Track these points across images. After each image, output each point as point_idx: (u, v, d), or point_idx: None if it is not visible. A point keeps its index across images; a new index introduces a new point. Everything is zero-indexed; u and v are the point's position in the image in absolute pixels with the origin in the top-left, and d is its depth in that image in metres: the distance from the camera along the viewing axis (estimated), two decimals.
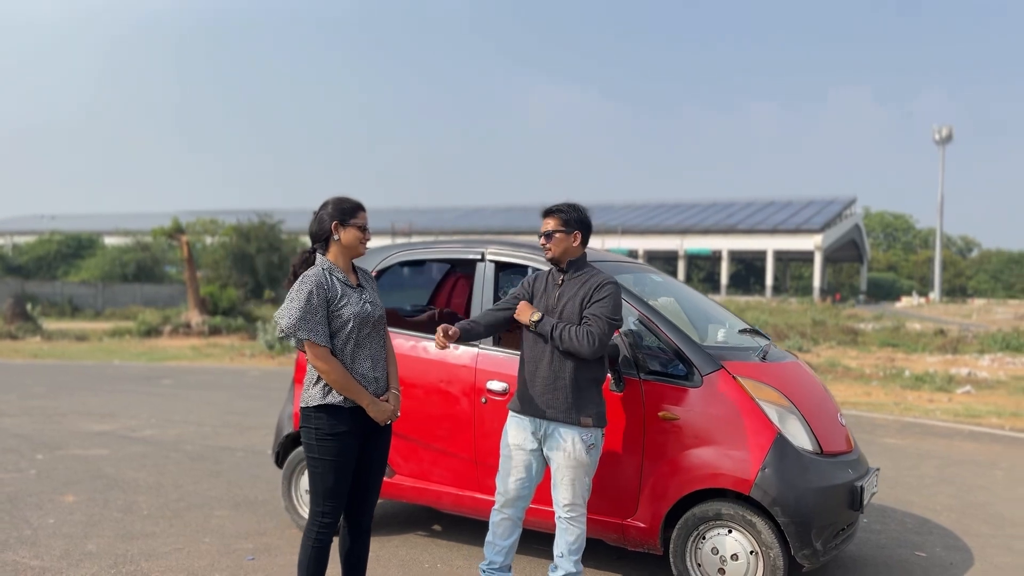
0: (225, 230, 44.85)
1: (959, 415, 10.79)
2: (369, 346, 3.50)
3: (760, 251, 69.12)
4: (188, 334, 23.96)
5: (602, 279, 3.75)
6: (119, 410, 9.65)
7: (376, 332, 3.55)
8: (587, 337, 3.60)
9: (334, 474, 3.43)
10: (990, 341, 23.04)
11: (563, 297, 3.78)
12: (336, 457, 3.42)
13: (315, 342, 3.33)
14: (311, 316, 3.34)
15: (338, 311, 3.41)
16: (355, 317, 3.43)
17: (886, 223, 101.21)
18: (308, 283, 3.38)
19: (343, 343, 3.43)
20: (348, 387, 3.38)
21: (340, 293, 3.43)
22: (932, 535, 5.31)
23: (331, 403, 3.40)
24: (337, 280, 3.46)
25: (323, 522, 3.47)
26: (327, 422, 3.41)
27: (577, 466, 3.70)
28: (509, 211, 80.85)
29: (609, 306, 3.66)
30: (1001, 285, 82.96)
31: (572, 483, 3.72)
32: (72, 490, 5.92)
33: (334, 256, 3.51)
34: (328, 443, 3.42)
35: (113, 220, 76.43)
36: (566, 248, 3.81)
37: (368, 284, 3.62)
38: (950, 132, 71.34)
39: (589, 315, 3.66)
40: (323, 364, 3.35)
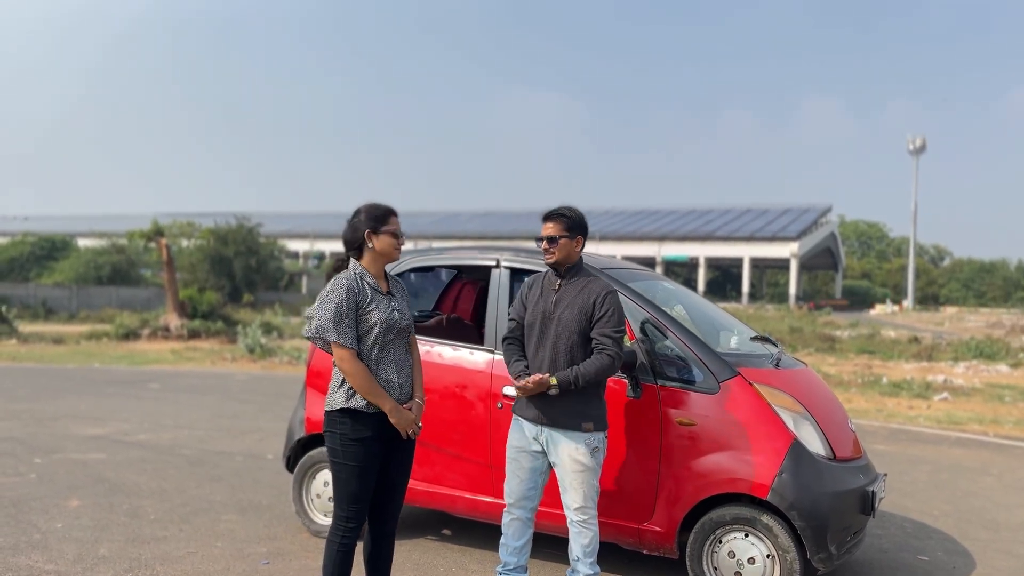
0: (202, 233, 44.51)
1: (942, 422, 10.98)
2: (394, 353, 3.56)
3: (737, 258, 69.71)
4: (167, 337, 23.72)
5: (600, 289, 3.78)
6: (109, 414, 9.57)
7: (401, 339, 3.61)
8: (608, 361, 3.68)
9: (358, 479, 3.47)
10: (964, 349, 23.41)
11: (560, 303, 3.80)
12: (360, 463, 3.46)
13: (343, 344, 3.39)
14: (341, 319, 3.40)
15: (366, 316, 3.47)
16: (382, 323, 3.48)
17: (860, 231, 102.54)
18: (341, 286, 3.45)
19: (369, 348, 3.48)
20: (372, 391, 3.42)
21: (370, 298, 3.49)
22: (932, 539, 5.43)
23: (354, 407, 3.45)
24: (368, 286, 3.52)
25: (347, 527, 3.51)
26: (351, 427, 3.45)
27: (583, 470, 3.75)
28: (486, 216, 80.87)
29: (615, 320, 3.72)
30: (972, 293, 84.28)
31: (579, 487, 3.77)
32: (76, 495, 5.88)
33: (367, 262, 3.57)
34: (352, 448, 3.46)
35: (87, 222, 75.42)
36: (569, 253, 3.84)
37: (398, 292, 3.68)
38: (924, 142, 72.43)
39: (599, 336, 3.70)
40: (349, 367, 3.40)
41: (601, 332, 3.70)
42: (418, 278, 5.89)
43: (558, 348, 3.75)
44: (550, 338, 3.78)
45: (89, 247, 47.37)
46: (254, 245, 42.88)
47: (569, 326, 3.74)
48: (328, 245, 76.17)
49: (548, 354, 3.77)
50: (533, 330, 3.85)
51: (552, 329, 3.78)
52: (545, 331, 3.80)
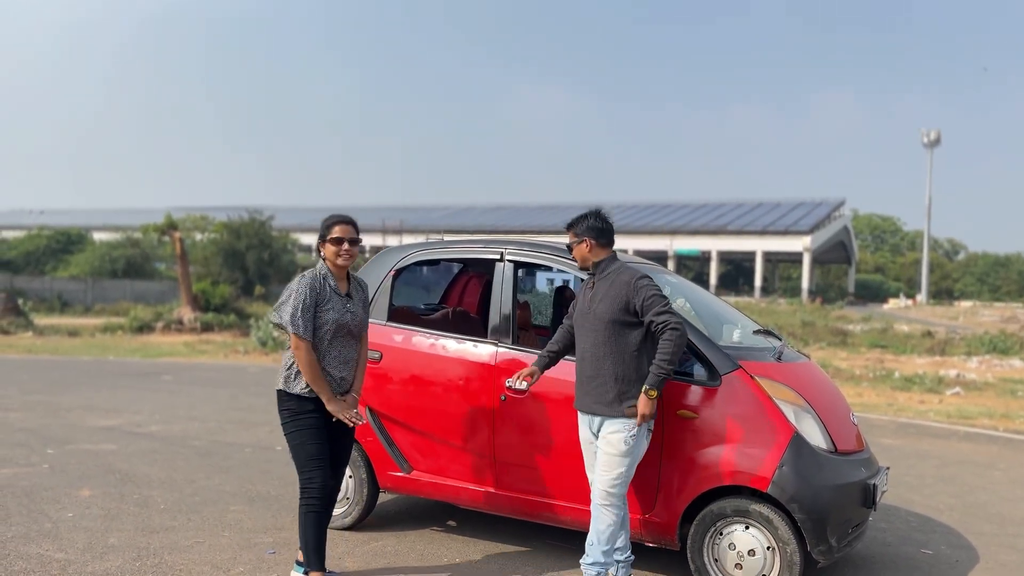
0: (215, 226, 44.64)
1: (952, 416, 10.95)
2: (340, 349, 4.03)
3: (749, 252, 69.41)
4: (180, 330, 23.90)
5: (630, 277, 3.94)
6: (122, 406, 9.67)
7: (351, 338, 4.08)
8: (674, 335, 3.80)
9: (312, 441, 3.97)
10: (977, 343, 23.29)
11: (595, 298, 4.00)
12: (308, 427, 3.98)
13: (300, 335, 3.89)
14: (300, 312, 3.89)
15: (321, 313, 3.95)
16: (334, 322, 3.97)
17: (874, 225, 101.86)
18: (305, 284, 3.96)
19: (319, 341, 3.96)
20: (315, 380, 3.92)
21: (328, 297, 3.98)
22: (936, 533, 5.44)
23: (295, 392, 3.98)
24: (329, 286, 4.01)
25: (309, 488, 3.97)
26: (298, 405, 3.99)
27: (615, 455, 3.87)
28: (499, 210, 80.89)
29: (655, 299, 3.86)
30: (987, 288, 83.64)
31: (607, 471, 3.89)
32: (87, 484, 5.96)
33: (329, 266, 4.05)
34: (300, 422, 3.99)
35: (102, 216, 76.00)
36: (583, 256, 4.11)
37: (357, 295, 4.15)
38: (938, 135, 71.85)
39: (653, 319, 3.84)
40: (303, 356, 3.90)
41: (652, 315, 3.84)
42: (427, 271, 5.94)
43: (597, 340, 3.95)
44: (589, 333, 4.00)
45: (104, 241, 47.71)
46: (266, 238, 43.00)
47: (603, 318, 3.93)
48: None
49: (589, 347, 3.98)
50: (577, 328, 4.12)
51: (589, 324, 4.00)
52: (584, 328, 4.04)
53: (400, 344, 4.96)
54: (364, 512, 5.07)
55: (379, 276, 5.18)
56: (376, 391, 4.97)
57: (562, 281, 6.93)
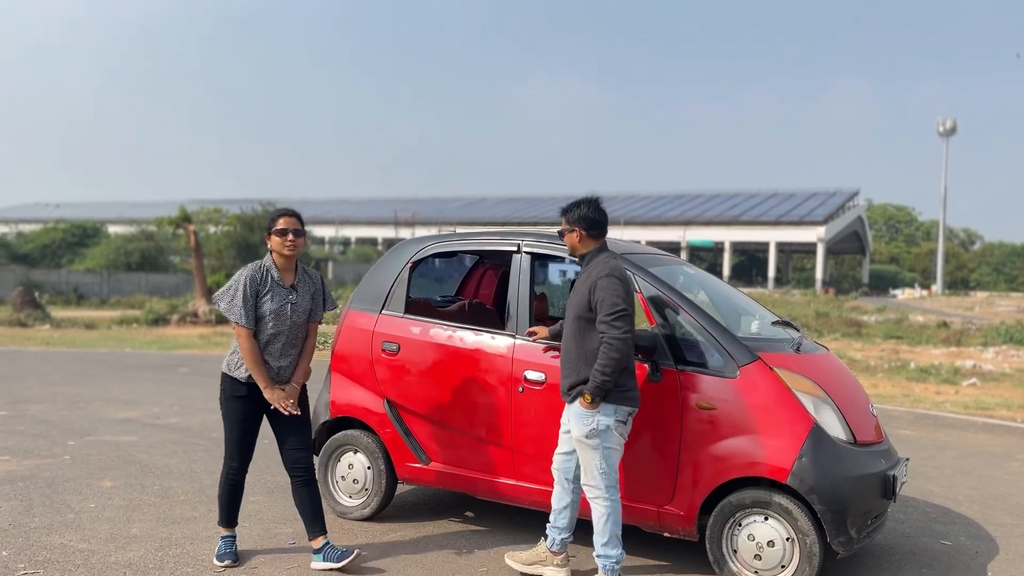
0: (228, 219, 44.81)
1: (969, 407, 10.89)
2: (281, 339, 4.20)
3: (763, 243, 69.15)
4: (195, 323, 24.04)
5: (598, 274, 3.91)
6: (141, 398, 9.75)
7: (293, 329, 4.23)
8: (609, 350, 3.79)
9: (237, 428, 4.27)
10: (993, 334, 23.10)
11: (575, 291, 4.04)
12: (237, 415, 4.24)
13: (240, 324, 4.08)
14: (239, 301, 4.08)
15: (261, 303, 4.14)
16: (272, 313, 4.14)
17: (888, 215, 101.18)
18: (244, 274, 4.15)
19: (260, 331, 4.16)
20: (254, 367, 4.12)
21: (268, 288, 4.16)
22: (955, 524, 5.42)
23: (233, 376, 4.21)
24: (272, 277, 4.18)
25: (231, 466, 4.35)
26: (230, 387, 4.23)
27: (581, 443, 3.94)
28: (512, 201, 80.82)
29: (607, 305, 3.81)
30: (1003, 278, 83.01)
31: (583, 462, 3.97)
32: (108, 475, 6.02)
33: (275, 258, 4.22)
34: (231, 403, 4.24)
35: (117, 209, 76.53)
36: (572, 244, 4.12)
37: (304, 287, 4.30)
38: (954, 124, 71.25)
39: (599, 325, 3.84)
40: (243, 343, 4.11)
41: (599, 320, 3.85)
42: (441, 263, 5.95)
43: (569, 333, 4.03)
44: (567, 327, 4.05)
45: (119, 234, 48.01)
46: None
47: (572, 311, 4.00)
48: (353, 231, 76.62)
49: (566, 341, 4.04)
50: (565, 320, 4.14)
51: (567, 318, 4.06)
52: (566, 321, 4.09)
53: (418, 336, 4.98)
54: (383, 503, 5.10)
55: (396, 268, 5.19)
56: (394, 383, 4.99)
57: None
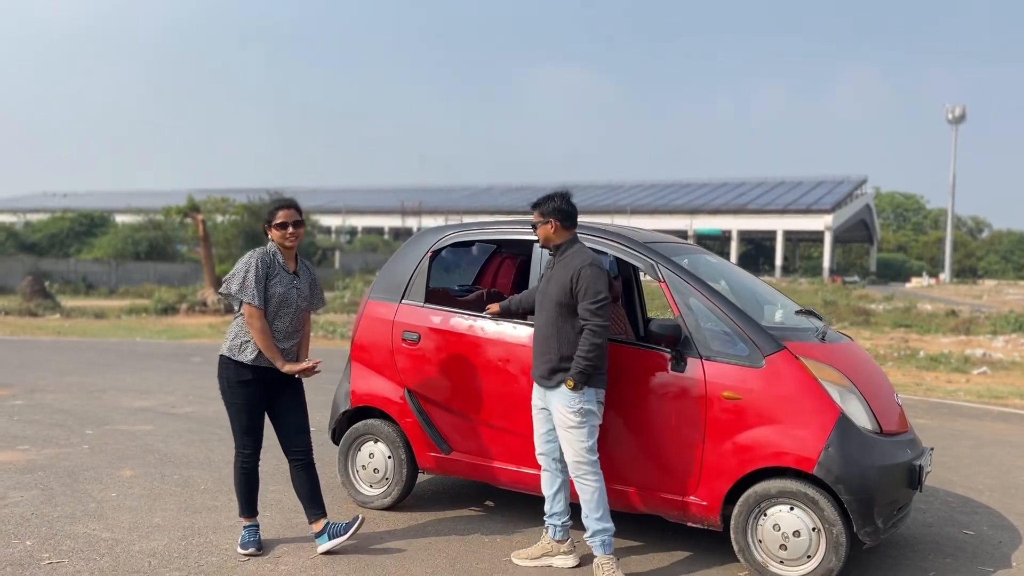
0: (236, 208, 44.80)
1: (983, 396, 10.86)
2: (285, 323, 4.29)
3: (770, 231, 68.98)
4: (204, 312, 24.09)
5: (578, 263, 4.06)
6: (154, 387, 9.78)
7: (296, 313, 4.33)
8: (592, 336, 3.97)
9: (245, 414, 4.32)
10: (1003, 322, 23.02)
11: (552, 279, 4.16)
12: (243, 400, 4.29)
13: (252, 304, 4.15)
14: (251, 282, 4.15)
15: (270, 286, 4.22)
16: (279, 296, 4.23)
17: (896, 203, 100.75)
18: (254, 257, 4.23)
19: (266, 314, 4.21)
20: (268, 347, 4.20)
21: (276, 272, 4.25)
22: (977, 514, 5.40)
23: (238, 359, 4.23)
24: (278, 262, 4.28)
25: (244, 454, 4.39)
26: (234, 371, 4.27)
27: (569, 427, 4.04)
28: (520, 190, 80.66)
29: (590, 293, 3.99)
30: (1012, 266, 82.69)
31: (569, 443, 4.07)
32: (127, 465, 6.04)
33: (277, 246, 4.31)
34: (237, 390, 4.28)
35: (124, 198, 76.55)
36: (546, 236, 4.23)
37: (304, 275, 4.42)
38: (963, 111, 70.85)
39: (581, 312, 4.02)
40: (256, 323, 4.17)
41: (582, 307, 4.02)
42: (458, 252, 5.93)
43: (548, 320, 4.13)
44: (542, 312, 4.18)
45: (127, 223, 48.05)
46: None
47: (553, 300, 4.10)
48: (360, 220, 76.60)
49: (542, 327, 4.17)
50: (536, 303, 4.29)
51: (542, 304, 4.18)
52: (540, 304, 4.21)
53: (438, 325, 4.96)
54: (403, 492, 5.10)
55: (416, 257, 5.18)
56: (414, 372, 4.98)
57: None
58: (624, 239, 4.60)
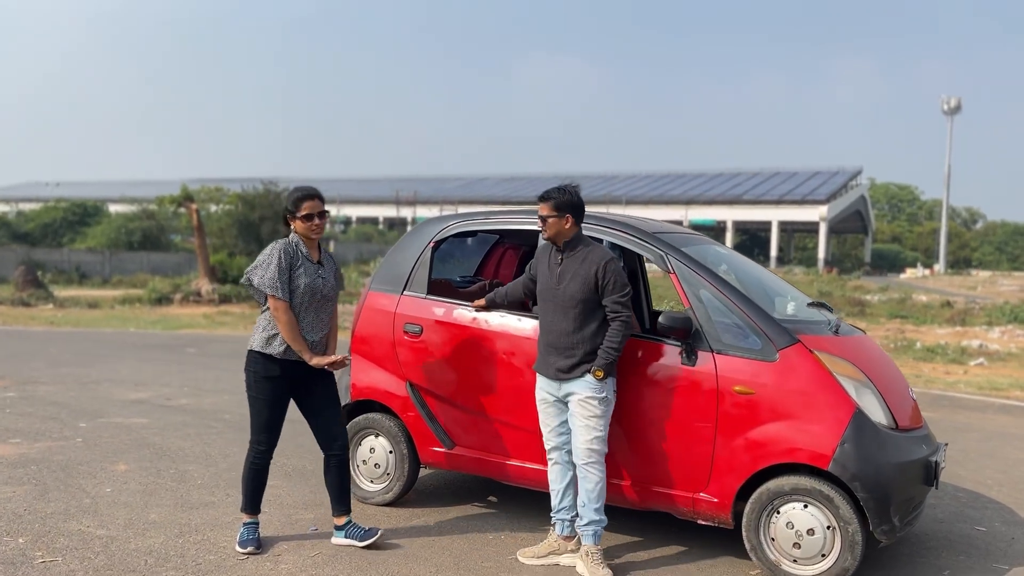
0: (230, 198, 44.50)
1: (983, 388, 10.80)
2: (314, 313, 4.19)
3: (765, 222, 68.87)
4: (199, 302, 23.94)
5: (599, 259, 4.02)
6: (150, 378, 9.64)
7: (324, 304, 4.23)
8: (623, 327, 3.99)
9: (268, 410, 4.17)
10: (998, 313, 23.01)
11: (564, 276, 4.07)
12: (268, 396, 4.15)
13: (278, 297, 4.04)
14: (275, 274, 4.05)
15: (295, 277, 4.11)
16: (307, 287, 4.12)
17: (891, 194, 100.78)
18: (277, 248, 4.12)
19: (293, 305, 4.11)
20: (294, 339, 4.08)
21: (300, 263, 4.14)
22: (988, 509, 5.32)
23: (268, 352, 4.12)
24: (301, 252, 4.17)
25: (258, 449, 4.22)
26: (263, 366, 4.13)
27: (591, 417, 3.99)
28: (513, 180, 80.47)
29: (618, 286, 4.00)
30: (1006, 257, 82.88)
31: (585, 433, 4.01)
32: (122, 459, 5.91)
33: (299, 236, 4.21)
34: (263, 384, 4.15)
35: (117, 188, 76.04)
36: (559, 231, 4.09)
37: (328, 264, 4.31)
38: (958, 103, 70.80)
39: (610, 304, 4.00)
40: (283, 316, 4.06)
41: (611, 300, 3.99)
42: (459, 243, 5.82)
43: (567, 316, 4.04)
44: (557, 308, 4.08)
45: (120, 213, 47.78)
46: (281, 210, 42.74)
47: (575, 297, 4.02)
48: (354, 210, 76.29)
49: (558, 321, 4.07)
50: (542, 299, 4.18)
51: (559, 300, 4.07)
52: (551, 303, 4.10)
53: (441, 318, 4.85)
54: (405, 488, 5.00)
55: (418, 248, 5.06)
56: (416, 365, 4.87)
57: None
58: (633, 229, 4.49)
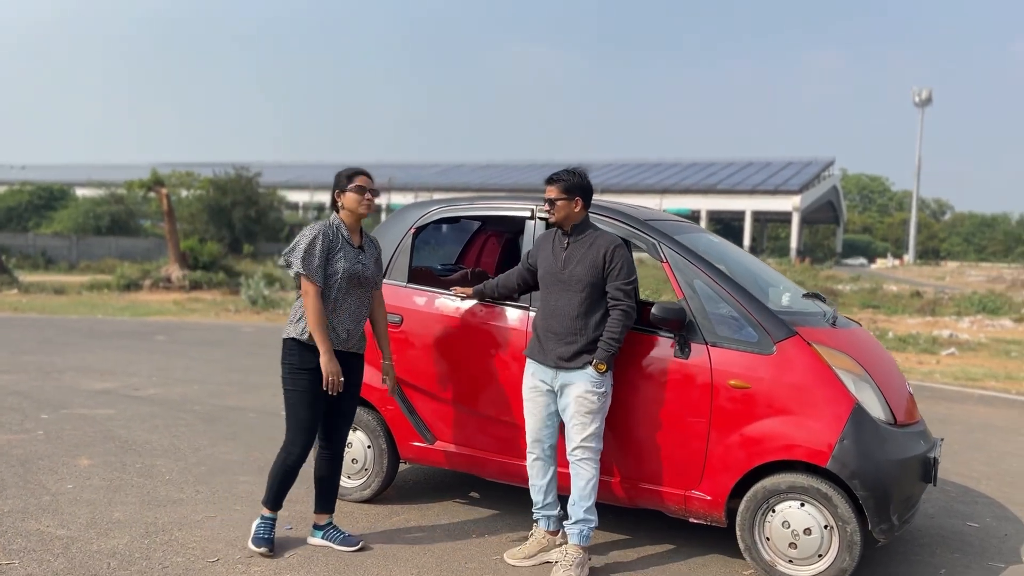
0: (201, 183, 43.87)
1: (959, 378, 10.80)
2: (353, 301, 3.97)
3: (739, 211, 69.14)
4: (169, 288, 23.46)
5: (607, 243, 3.90)
6: (117, 367, 9.33)
7: (364, 291, 4.01)
8: (624, 316, 3.84)
9: (307, 407, 3.91)
10: (966, 303, 23.25)
11: (570, 260, 3.91)
12: (306, 390, 3.89)
13: (310, 279, 3.82)
14: (311, 256, 3.83)
15: (333, 261, 3.90)
16: (346, 272, 3.90)
17: (862, 185, 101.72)
18: (315, 229, 3.91)
19: (330, 290, 3.90)
20: (317, 328, 3.82)
21: (340, 247, 3.92)
22: (978, 504, 5.23)
23: (309, 343, 3.87)
24: (341, 236, 3.96)
25: (293, 451, 3.96)
26: (300, 357, 3.89)
27: (591, 410, 3.83)
28: (488, 168, 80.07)
29: (624, 273, 3.86)
30: (973, 248, 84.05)
31: (583, 428, 3.85)
32: (85, 453, 5.66)
33: (343, 216, 4.02)
34: (303, 377, 3.88)
35: (84, 171, 74.55)
36: (568, 214, 3.94)
37: (369, 249, 4.10)
38: (929, 94, 71.48)
39: (613, 291, 3.85)
40: (310, 301, 3.82)
41: (614, 287, 3.85)
42: (440, 230, 5.62)
43: (572, 301, 3.88)
44: (562, 293, 3.91)
45: (88, 197, 46.88)
46: (253, 195, 42.28)
47: (582, 280, 3.87)
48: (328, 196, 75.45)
49: (562, 306, 3.90)
50: (545, 284, 4.00)
51: (564, 285, 3.91)
52: (556, 287, 3.94)
53: (423, 307, 4.65)
54: (384, 484, 4.80)
55: (398, 234, 4.85)
56: (396, 357, 4.66)
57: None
58: (625, 216, 4.31)
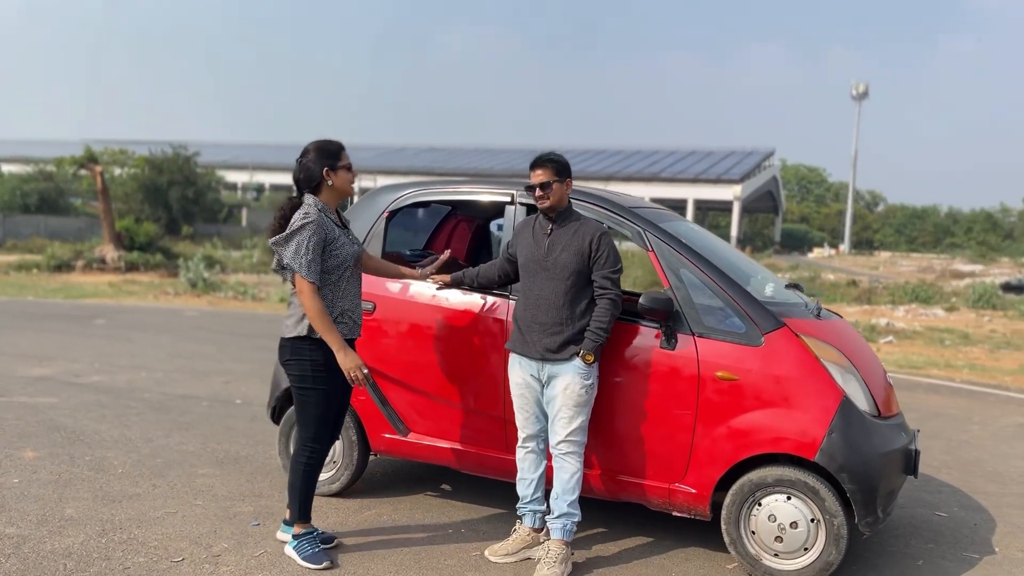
0: (136, 161, 42.42)
1: (902, 366, 11.03)
2: (354, 283, 3.79)
3: (681, 200, 69.83)
4: (103, 270, 22.66)
5: (593, 230, 3.81)
6: (55, 352, 8.91)
7: (357, 271, 3.83)
8: (611, 305, 3.76)
9: (327, 403, 3.73)
10: (900, 292, 23.84)
11: (555, 247, 3.80)
12: (328, 387, 3.70)
13: (308, 279, 3.57)
14: (308, 255, 3.57)
15: (336, 251, 3.66)
16: (346, 256, 3.70)
17: (801, 176, 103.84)
18: (311, 228, 3.58)
19: (337, 280, 3.69)
20: (325, 327, 3.59)
21: (336, 235, 3.68)
22: (942, 493, 5.30)
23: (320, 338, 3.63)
24: (332, 222, 3.70)
25: (314, 447, 3.75)
26: (322, 353, 3.64)
27: (577, 403, 3.75)
28: (431, 151, 79.32)
29: (611, 261, 3.78)
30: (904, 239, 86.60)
31: (573, 419, 3.76)
32: (29, 444, 5.34)
33: (326, 198, 3.73)
34: (325, 374, 3.67)
35: (10, 147, 71.48)
36: (561, 197, 3.85)
37: (349, 225, 3.94)
38: (866, 88, 73.20)
39: (599, 279, 3.77)
40: (310, 300, 3.57)
41: (600, 275, 3.77)
42: (409, 215, 5.43)
43: (557, 289, 3.78)
44: (547, 280, 3.80)
45: (14, 173, 44.99)
46: (191, 175, 41.07)
47: (567, 267, 3.76)
48: (268, 177, 73.93)
49: (546, 294, 3.79)
50: (527, 272, 3.88)
51: (548, 272, 3.80)
52: (540, 275, 3.82)
53: (396, 294, 4.48)
54: (353, 477, 4.63)
55: (371, 218, 4.66)
56: (368, 345, 4.48)
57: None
58: (609, 203, 4.20)
